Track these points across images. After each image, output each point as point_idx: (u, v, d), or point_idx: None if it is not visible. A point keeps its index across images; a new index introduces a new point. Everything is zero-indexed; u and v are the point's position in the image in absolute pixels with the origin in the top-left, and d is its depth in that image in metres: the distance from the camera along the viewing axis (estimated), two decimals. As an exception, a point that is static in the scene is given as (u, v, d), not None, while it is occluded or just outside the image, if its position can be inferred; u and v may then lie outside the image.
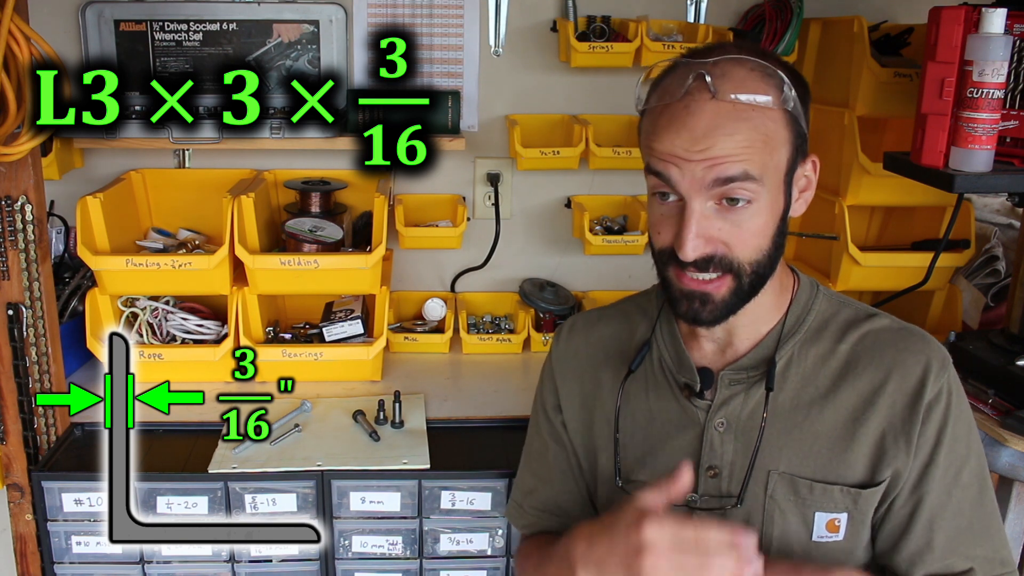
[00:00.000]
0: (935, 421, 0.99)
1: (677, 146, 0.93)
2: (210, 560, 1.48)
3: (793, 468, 1.02)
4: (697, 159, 0.92)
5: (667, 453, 1.08)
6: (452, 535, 1.48)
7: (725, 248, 0.95)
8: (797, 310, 1.07)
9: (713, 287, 0.97)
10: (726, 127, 0.92)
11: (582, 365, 1.18)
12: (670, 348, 1.11)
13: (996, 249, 1.94)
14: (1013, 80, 1.44)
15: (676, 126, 0.94)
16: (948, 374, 1.01)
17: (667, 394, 1.10)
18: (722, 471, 1.05)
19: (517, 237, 2.11)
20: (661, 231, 0.98)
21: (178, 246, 1.90)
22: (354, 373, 1.77)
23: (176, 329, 1.78)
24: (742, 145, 0.92)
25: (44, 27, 1.38)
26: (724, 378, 1.05)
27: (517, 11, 1.95)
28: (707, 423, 1.05)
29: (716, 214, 0.94)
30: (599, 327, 1.20)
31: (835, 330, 1.06)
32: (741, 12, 2.00)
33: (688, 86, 0.95)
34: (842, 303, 1.09)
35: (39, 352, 1.47)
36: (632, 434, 1.11)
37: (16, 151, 1.33)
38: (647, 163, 0.99)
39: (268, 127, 1.81)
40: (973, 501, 1.01)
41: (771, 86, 0.95)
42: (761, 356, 1.05)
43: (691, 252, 0.94)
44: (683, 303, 0.99)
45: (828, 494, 1.01)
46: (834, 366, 1.04)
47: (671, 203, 0.97)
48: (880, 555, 1.03)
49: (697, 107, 0.93)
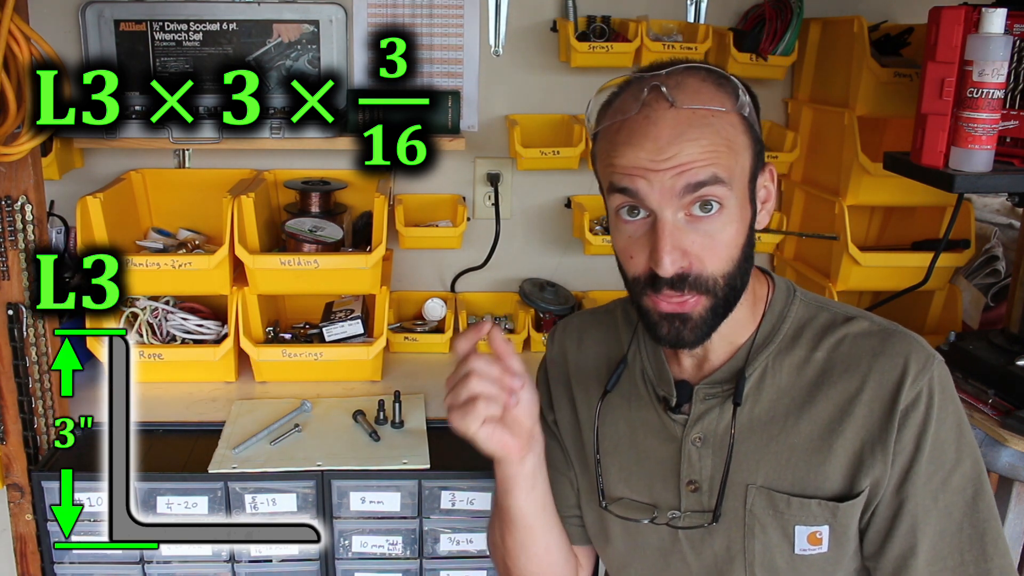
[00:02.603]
0: (913, 427, 0.96)
1: (642, 158, 0.92)
2: (210, 560, 1.48)
3: (770, 482, 1.00)
4: (665, 167, 0.91)
5: (650, 466, 1.07)
6: (452, 535, 1.48)
7: (699, 265, 0.93)
8: (772, 319, 1.05)
9: (689, 307, 0.95)
10: (689, 133, 0.91)
11: (573, 371, 1.18)
12: (651, 360, 1.10)
13: (996, 249, 1.94)
14: (1013, 80, 1.44)
15: (638, 137, 0.93)
16: (930, 376, 0.97)
17: (648, 406, 1.09)
18: (702, 485, 1.04)
19: (517, 237, 2.11)
20: (633, 254, 0.97)
21: (178, 246, 1.90)
22: (354, 373, 1.77)
23: (176, 329, 1.77)
24: (708, 149, 0.91)
25: (44, 27, 1.38)
26: (699, 392, 1.04)
27: (517, 11, 1.95)
28: (684, 438, 1.04)
29: (687, 225, 0.93)
30: (590, 333, 1.19)
31: (811, 337, 1.03)
32: (741, 12, 2.00)
33: (644, 98, 0.94)
34: (820, 307, 1.06)
35: (39, 352, 1.46)
36: (615, 445, 1.10)
37: (16, 151, 1.33)
38: (610, 183, 0.96)
39: (268, 127, 1.81)
40: (965, 505, 0.97)
41: (726, 93, 0.95)
42: (735, 369, 1.03)
43: (669, 266, 0.92)
44: (663, 326, 0.97)
45: (806, 508, 0.99)
46: (809, 375, 1.01)
47: (639, 221, 0.95)
48: (867, 559, 1.02)
49: (657, 116, 0.92)
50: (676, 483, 1.05)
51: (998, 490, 1.44)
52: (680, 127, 0.92)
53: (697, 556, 1.06)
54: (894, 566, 0.98)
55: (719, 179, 0.92)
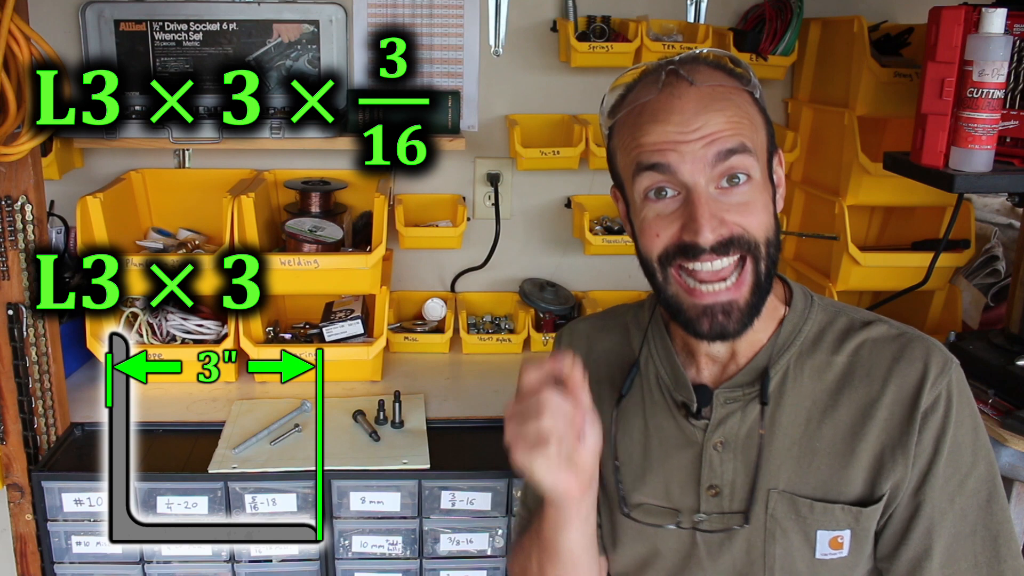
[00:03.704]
0: (932, 429, 0.96)
1: (670, 131, 0.93)
2: (210, 560, 1.48)
3: (793, 486, 0.99)
4: (694, 138, 0.92)
5: (667, 471, 1.06)
6: (452, 535, 1.48)
7: (740, 228, 0.92)
8: (792, 322, 1.03)
9: (734, 292, 0.93)
10: (714, 105, 0.93)
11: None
12: (665, 365, 1.08)
13: (996, 249, 1.94)
14: (1013, 80, 1.44)
15: (664, 113, 0.94)
16: (948, 379, 0.97)
17: (664, 412, 1.07)
18: (723, 489, 1.02)
19: (517, 237, 2.11)
20: (660, 232, 0.94)
21: (178, 246, 1.90)
22: (354, 373, 1.77)
23: (176, 329, 1.77)
24: (733, 120, 0.93)
25: (44, 27, 1.38)
26: (720, 396, 1.02)
27: (517, 11, 1.95)
28: (705, 442, 1.03)
29: (721, 198, 0.93)
30: (600, 339, 1.17)
31: (831, 341, 1.03)
32: (741, 12, 2.00)
33: (664, 80, 0.96)
34: (838, 311, 1.06)
35: (39, 352, 1.46)
36: (630, 453, 1.08)
37: (16, 151, 1.33)
38: (636, 164, 0.95)
39: (268, 127, 1.81)
40: (980, 508, 0.97)
41: (739, 75, 0.98)
42: (756, 371, 1.02)
43: (710, 234, 0.90)
44: (703, 322, 0.94)
45: (829, 512, 0.98)
46: (830, 379, 1.01)
47: (667, 199, 0.94)
48: (880, 561, 1.01)
49: (680, 92, 0.94)
50: (695, 488, 1.03)
51: (998, 490, 1.45)
52: (703, 100, 0.93)
53: (713, 562, 1.04)
54: (908, 568, 0.98)
55: (747, 148, 0.93)
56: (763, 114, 0.99)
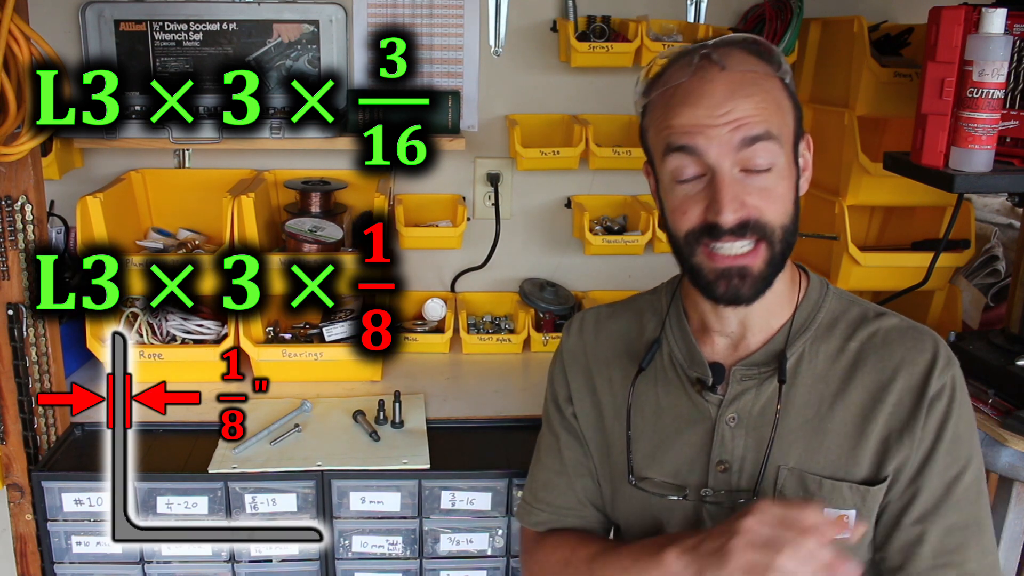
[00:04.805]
0: (936, 415, 1.00)
1: (699, 115, 0.96)
2: (210, 560, 1.48)
3: (803, 464, 1.03)
4: (721, 123, 0.95)
5: (677, 448, 1.09)
6: (452, 535, 1.48)
7: (758, 213, 0.96)
8: (808, 306, 1.08)
9: (750, 259, 0.98)
10: (742, 91, 0.97)
11: (592, 360, 1.19)
12: (680, 343, 1.12)
13: (996, 249, 1.94)
14: (1013, 80, 1.44)
15: (694, 97, 0.97)
16: (953, 373, 1.02)
17: (676, 389, 1.10)
18: (732, 465, 1.05)
19: (517, 237, 2.11)
20: (687, 211, 0.99)
21: (178, 246, 1.90)
22: (354, 373, 1.77)
23: (176, 329, 1.77)
24: (760, 106, 0.96)
25: (44, 27, 1.37)
26: (736, 373, 1.06)
27: (517, 11, 1.95)
28: (718, 418, 1.06)
29: (744, 181, 0.96)
30: (610, 323, 1.20)
31: (845, 328, 1.07)
32: (741, 12, 2.00)
33: (696, 64, 0.99)
34: (852, 301, 1.11)
35: (39, 352, 1.47)
36: (641, 429, 1.11)
37: (16, 151, 1.33)
38: (666, 145, 0.99)
39: (268, 127, 1.81)
40: (972, 501, 1.01)
41: (770, 60, 1.01)
42: (772, 351, 1.06)
43: (731, 215, 0.95)
44: (720, 284, 0.99)
45: (837, 490, 1.01)
46: (844, 363, 1.05)
47: (694, 181, 0.98)
48: (876, 550, 1.04)
49: (711, 77, 0.98)
50: (705, 463, 1.07)
51: (998, 490, 1.45)
52: (732, 86, 0.97)
53: None
54: (902, 553, 1.01)
55: (772, 135, 0.96)
56: (792, 99, 1.02)
